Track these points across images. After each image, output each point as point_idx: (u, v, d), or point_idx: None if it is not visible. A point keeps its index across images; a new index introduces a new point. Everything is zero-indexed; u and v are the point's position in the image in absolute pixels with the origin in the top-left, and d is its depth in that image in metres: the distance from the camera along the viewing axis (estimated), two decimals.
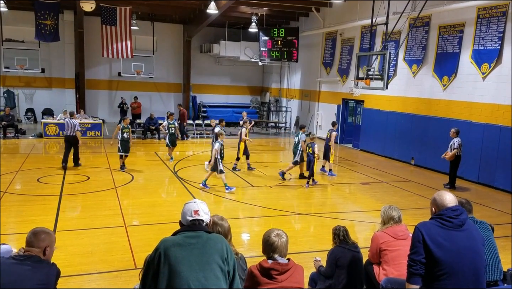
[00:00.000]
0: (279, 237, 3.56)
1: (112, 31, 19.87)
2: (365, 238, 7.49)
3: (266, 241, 3.58)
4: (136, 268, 6.26)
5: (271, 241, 3.55)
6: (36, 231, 3.49)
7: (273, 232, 3.60)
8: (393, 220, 4.66)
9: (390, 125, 16.62)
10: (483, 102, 12.97)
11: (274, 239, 3.54)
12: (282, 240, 3.55)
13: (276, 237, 3.55)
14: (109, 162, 14.07)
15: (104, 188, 10.90)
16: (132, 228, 8.18)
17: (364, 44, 18.15)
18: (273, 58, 22.45)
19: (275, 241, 3.53)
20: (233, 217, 8.83)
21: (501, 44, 12.32)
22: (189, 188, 11.26)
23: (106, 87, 24.54)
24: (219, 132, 11.34)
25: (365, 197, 11.28)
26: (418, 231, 3.36)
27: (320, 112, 21.88)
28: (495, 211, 10.31)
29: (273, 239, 3.54)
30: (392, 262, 4.42)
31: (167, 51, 25.21)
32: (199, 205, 3.10)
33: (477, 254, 3.37)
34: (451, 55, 14.02)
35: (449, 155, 11.94)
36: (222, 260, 2.90)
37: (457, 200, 4.88)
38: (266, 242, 3.59)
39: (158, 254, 2.84)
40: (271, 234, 3.58)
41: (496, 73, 12.55)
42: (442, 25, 14.41)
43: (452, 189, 11.90)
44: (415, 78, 15.66)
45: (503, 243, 7.80)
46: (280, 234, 3.60)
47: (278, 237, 3.55)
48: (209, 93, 26.71)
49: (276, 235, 3.57)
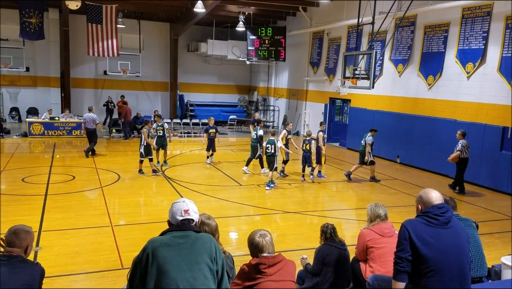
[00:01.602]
0: (263, 237, 3.59)
1: (98, 30, 19.67)
2: (352, 235, 7.54)
3: (251, 243, 3.61)
4: (123, 268, 6.22)
5: (256, 242, 3.58)
6: (16, 230, 3.43)
7: (256, 234, 3.62)
8: (379, 218, 4.70)
9: (376, 124, 16.67)
10: (467, 101, 13.15)
11: (259, 239, 3.57)
12: (267, 239, 3.58)
13: (260, 237, 3.58)
14: (94, 161, 13.93)
15: (90, 188, 10.80)
16: (119, 227, 8.11)
17: (351, 43, 18.26)
18: (260, 57, 22.45)
19: (259, 241, 3.56)
20: (221, 216, 8.82)
21: (485, 44, 12.50)
22: (176, 187, 11.21)
23: (92, 86, 24.29)
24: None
25: (352, 195, 11.36)
26: (404, 228, 3.40)
27: (308, 111, 21.95)
28: (479, 208, 10.46)
29: (258, 239, 3.57)
30: (379, 259, 4.46)
31: (154, 49, 25.04)
32: (189, 204, 3.08)
33: (462, 251, 3.41)
34: (436, 54, 14.19)
35: (451, 156, 11.51)
36: (211, 259, 2.89)
37: (443, 197, 4.97)
38: (251, 244, 3.61)
39: (146, 254, 2.82)
40: (255, 236, 3.61)
41: (480, 73, 12.73)
42: (427, 25, 14.57)
43: (461, 194, 11.50)
44: (400, 78, 15.81)
45: (487, 240, 7.92)
46: (263, 233, 3.62)
47: (262, 237, 3.58)
48: (197, 92, 26.61)
49: (260, 236, 3.60)
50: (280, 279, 3.45)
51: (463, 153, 11.35)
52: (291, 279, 3.53)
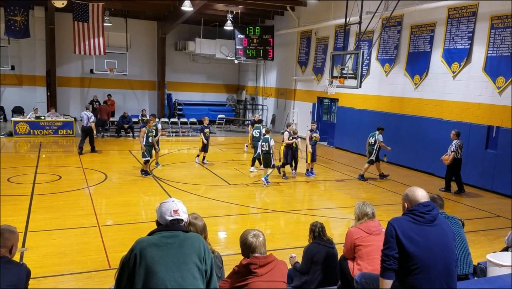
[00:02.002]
0: (256, 237, 3.57)
1: (84, 28, 19.46)
2: (340, 234, 7.59)
3: (244, 243, 3.59)
4: (110, 268, 6.18)
5: (249, 242, 3.56)
6: (0, 230, 3.38)
7: (249, 234, 3.61)
8: (367, 216, 4.73)
9: (364, 124, 16.86)
10: (453, 100, 13.31)
11: (252, 240, 3.55)
12: (260, 239, 3.57)
13: (253, 238, 3.57)
14: (81, 161, 13.80)
15: (76, 188, 10.70)
16: (106, 228, 8.06)
17: (338, 43, 18.35)
18: (249, 56, 22.44)
19: (253, 241, 3.54)
20: (210, 215, 8.80)
21: (470, 43, 12.66)
22: (164, 186, 11.16)
23: (78, 85, 24.04)
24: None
25: (340, 194, 11.43)
26: (391, 226, 3.42)
27: (296, 111, 22.01)
28: (465, 206, 10.61)
29: (251, 240, 3.56)
30: (366, 257, 4.49)
31: (141, 48, 24.87)
32: (178, 204, 3.06)
33: (448, 249, 3.45)
34: (423, 54, 14.33)
35: (447, 158, 11.38)
36: (200, 259, 2.88)
37: (430, 195, 5.02)
38: (244, 244, 3.59)
39: (133, 255, 2.80)
40: (248, 236, 3.59)
41: (466, 72, 12.89)
42: (413, 24, 14.71)
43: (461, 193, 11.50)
44: (387, 77, 15.94)
45: (473, 237, 8.04)
46: (257, 234, 3.61)
47: (255, 237, 3.57)
48: (185, 91, 26.48)
49: (253, 236, 3.58)
50: (271, 279, 3.44)
51: (457, 153, 11.35)
52: (282, 279, 3.53)
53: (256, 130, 13.65)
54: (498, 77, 11.85)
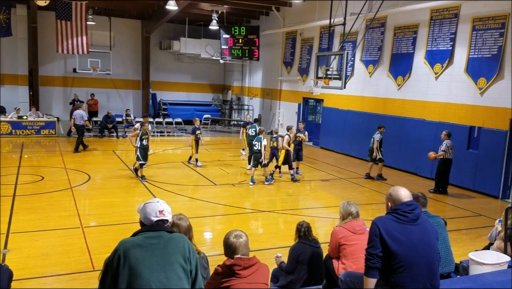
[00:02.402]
0: (237, 238, 3.56)
1: (67, 26, 19.22)
2: (325, 233, 7.64)
3: (226, 243, 3.59)
4: (94, 270, 6.12)
5: (230, 243, 3.55)
6: None
7: (231, 234, 3.60)
8: (351, 215, 4.77)
9: (348, 124, 17.01)
10: (435, 101, 13.50)
11: (233, 240, 3.55)
12: (241, 240, 3.55)
13: (234, 238, 3.56)
14: (64, 161, 13.62)
15: (59, 188, 10.55)
16: (90, 229, 7.97)
17: (323, 44, 18.46)
18: (234, 56, 22.43)
19: (234, 242, 3.53)
20: (196, 215, 8.77)
21: (452, 45, 12.86)
22: (149, 187, 11.09)
23: (61, 84, 23.71)
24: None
25: (325, 194, 11.51)
26: (375, 225, 3.46)
27: (282, 111, 22.07)
28: (447, 206, 10.78)
29: (232, 240, 3.55)
30: (351, 256, 4.53)
31: (125, 47, 24.64)
32: (163, 204, 3.05)
33: (431, 248, 3.50)
34: (406, 55, 14.51)
35: (434, 155, 11.51)
36: (184, 259, 2.87)
37: (414, 193, 5.09)
38: (225, 244, 3.59)
39: (117, 256, 2.78)
40: (230, 236, 3.59)
41: (448, 73, 13.09)
42: (397, 26, 14.88)
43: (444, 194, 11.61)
44: (371, 78, 16.10)
45: (455, 236, 8.17)
46: (239, 234, 3.60)
47: (237, 238, 3.56)
48: (170, 90, 26.31)
49: (235, 236, 3.57)
50: (254, 281, 3.45)
51: (447, 153, 11.40)
52: (264, 282, 3.55)
53: (252, 130, 13.70)
54: (480, 78, 12.07)
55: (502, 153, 11.46)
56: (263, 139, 11.85)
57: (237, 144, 20.63)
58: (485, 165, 11.87)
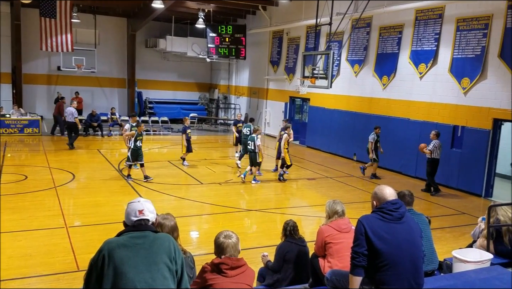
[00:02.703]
0: (227, 238, 3.59)
1: (51, 24, 18.95)
2: (311, 232, 7.67)
3: (215, 242, 3.63)
4: (79, 270, 6.06)
5: (219, 242, 3.59)
6: None
7: (222, 234, 3.64)
8: (337, 214, 4.80)
9: (334, 123, 17.11)
10: (420, 100, 13.65)
11: (223, 240, 3.58)
12: (230, 241, 3.58)
13: (224, 238, 3.59)
14: (48, 160, 13.44)
15: (43, 188, 10.41)
16: (74, 229, 7.89)
17: (309, 43, 18.53)
18: (221, 55, 22.36)
19: (223, 242, 3.57)
20: (182, 215, 8.74)
21: (437, 45, 13.02)
22: (135, 186, 11.01)
23: (45, 82, 23.39)
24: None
25: (312, 192, 11.56)
26: (360, 224, 3.49)
27: (268, 110, 22.10)
28: (432, 204, 10.91)
29: (221, 240, 3.59)
30: (336, 254, 4.56)
31: (110, 45, 24.41)
32: (144, 204, 3.02)
33: (415, 245, 3.55)
34: (391, 55, 14.64)
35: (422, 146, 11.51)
36: (170, 259, 2.86)
37: (401, 191, 5.14)
38: (215, 243, 3.63)
39: (102, 256, 2.76)
40: (220, 236, 3.63)
41: (432, 73, 13.24)
42: (382, 26, 15.00)
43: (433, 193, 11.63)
44: (357, 78, 16.21)
45: (439, 234, 8.28)
46: (229, 234, 3.63)
47: (227, 238, 3.59)
48: (156, 89, 26.14)
49: (225, 236, 3.61)
50: (239, 281, 3.47)
51: (434, 153, 11.37)
52: (250, 284, 3.57)
53: (246, 129, 13.73)
54: (463, 78, 12.24)
55: (485, 152, 11.64)
56: (257, 139, 11.86)
57: (224, 143, 20.63)
58: (468, 164, 12.05)
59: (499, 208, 5.66)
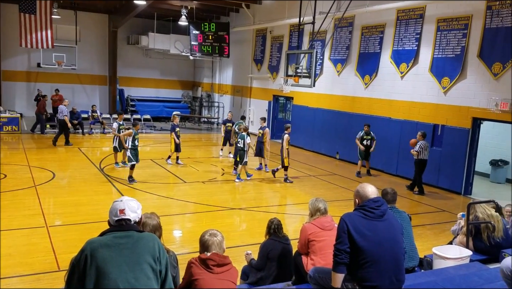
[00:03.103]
0: (212, 236, 3.60)
1: (31, 20, 18.60)
2: (294, 230, 7.71)
3: (200, 240, 3.64)
4: (59, 270, 5.98)
5: (204, 240, 3.60)
6: None
7: (207, 232, 3.65)
8: (319, 212, 4.83)
9: (318, 122, 17.22)
10: (401, 100, 13.83)
11: (208, 237, 3.59)
12: (215, 239, 3.59)
13: (209, 236, 3.60)
14: (27, 159, 13.20)
15: (22, 187, 10.23)
16: (55, 228, 7.78)
17: (293, 42, 18.58)
18: (204, 52, 22.24)
19: (208, 239, 3.58)
20: (165, 214, 8.68)
21: (418, 45, 13.19)
22: (117, 185, 10.89)
23: (24, 79, 22.93)
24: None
25: (295, 191, 11.61)
26: (343, 222, 3.53)
27: (252, 108, 22.09)
28: (412, 202, 11.07)
29: (207, 237, 3.60)
30: (319, 252, 4.59)
31: (91, 42, 24.05)
32: (126, 203, 2.98)
33: (396, 243, 3.60)
34: (373, 55, 14.79)
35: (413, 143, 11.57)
36: (154, 259, 2.84)
37: (384, 189, 5.21)
38: (200, 241, 3.64)
39: (84, 256, 2.72)
40: (205, 234, 3.64)
41: (413, 73, 13.42)
42: (364, 26, 15.14)
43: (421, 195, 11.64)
44: (339, 77, 16.33)
45: (419, 231, 8.41)
46: (215, 233, 3.64)
47: (212, 236, 3.60)
48: (138, 86, 25.86)
49: (210, 234, 3.62)
50: (224, 278, 3.49)
51: (421, 154, 11.40)
52: (234, 281, 3.58)
53: (236, 127, 13.87)
54: (443, 78, 12.44)
55: (464, 150, 11.86)
56: (246, 137, 11.86)
57: (207, 141, 20.56)
58: (448, 162, 12.26)
59: (478, 206, 5.78)
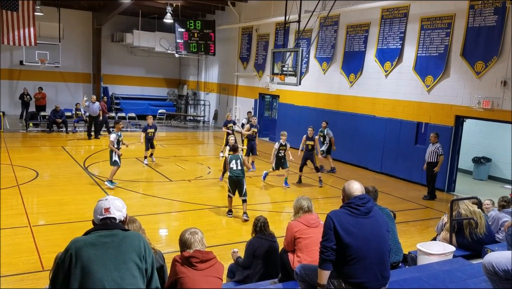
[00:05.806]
0: (193, 234, 3.60)
1: (13, 17, 18.26)
2: (280, 227, 7.74)
3: (181, 240, 3.62)
4: (43, 270, 5.91)
5: (184, 238, 3.58)
6: None
7: (187, 231, 3.64)
8: (302, 210, 4.85)
9: (303, 120, 17.25)
10: (385, 98, 13.96)
11: (188, 236, 3.59)
12: (196, 236, 3.58)
13: (190, 234, 3.60)
14: (10, 158, 12.98)
15: (5, 186, 10.05)
16: (38, 228, 7.68)
17: (279, 40, 18.61)
18: (190, 50, 22.13)
19: (189, 238, 3.57)
20: (151, 212, 8.65)
21: (402, 43, 13.33)
22: (101, 184, 10.79)
23: (7, 77, 22.51)
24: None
25: (280, 189, 11.63)
26: (329, 219, 3.56)
27: (238, 106, 22.07)
28: (396, 198, 11.19)
29: (187, 236, 3.59)
30: (305, 249, 4.62)
31: (75, 39, 23.73)
32: (111, 202, 2.96)
33: (382, 240, 3.64)
34: (357, 53, 14.89)
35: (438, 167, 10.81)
36: (140, 258, 2.82)
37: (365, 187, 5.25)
38: (180, 241, 3.63)
39: (69, 255, 2.69)
40: (185, 233, 3.63)
41: (397, 71, 13.56)
42: (349, 24, 15.24)
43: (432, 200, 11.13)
44: (325, 75, 16.41)
45: (404, 228, 8.52)
46: (194, 231, 3.63)
47: (192, 234, 3.60)
48: (123, 84, 25.61)
49: (190, 233, 3.61)
50: (209, 275, 3.48)
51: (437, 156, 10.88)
52: (219, 277, 3.58)
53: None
54: (427, 76, 12.59)
55: (447, 148, 12.01)
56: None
57: (193, 140, 20.49)
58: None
59: (461, 202, 5.88)
